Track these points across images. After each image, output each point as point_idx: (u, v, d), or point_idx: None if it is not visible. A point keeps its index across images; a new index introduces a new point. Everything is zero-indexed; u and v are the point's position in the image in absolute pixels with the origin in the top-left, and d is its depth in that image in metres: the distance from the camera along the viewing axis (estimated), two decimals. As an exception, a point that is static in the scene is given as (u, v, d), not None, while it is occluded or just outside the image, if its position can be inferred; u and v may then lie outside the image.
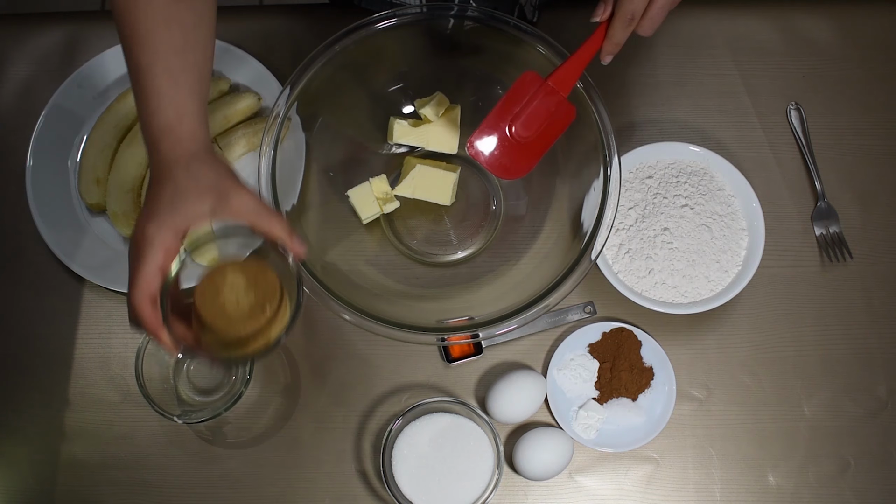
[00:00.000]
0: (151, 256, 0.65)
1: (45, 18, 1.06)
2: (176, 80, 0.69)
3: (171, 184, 0.67)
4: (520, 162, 0.80)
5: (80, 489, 0.90)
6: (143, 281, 0.65)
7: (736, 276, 0.91)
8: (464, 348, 0.91)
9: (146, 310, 0.65)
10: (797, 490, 0.89)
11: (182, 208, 0.66)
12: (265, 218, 0.68)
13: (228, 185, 0.68)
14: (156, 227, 0.65)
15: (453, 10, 0.86)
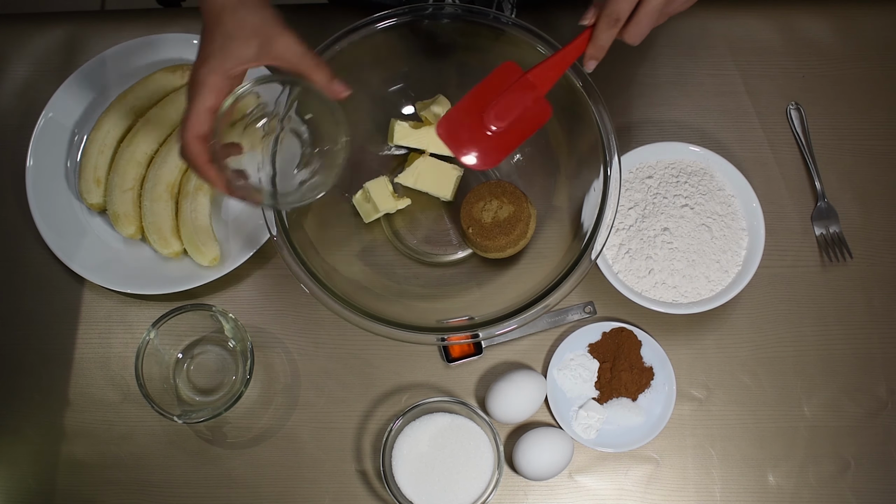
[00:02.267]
0: (202, 98, 0.69)
1: (45, 18, 1.06)
2: None
3: (220, 28, 0.70)
4: (488, 152, 0.76)
5: (80, 489, 0.90)
6: (195, 120, 0.69)
7: (736, 276, 0.91)
8: (464, 348, 0.91)
9: (196, 147, 0.70)
10: (797, 490, 0.89)
11: (230, 52, 0.69)
12: (307, 63, 0.71)
13: (273, 30, 0.70)
14: (207, 70, 0.69)
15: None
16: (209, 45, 0.70)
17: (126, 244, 0.95)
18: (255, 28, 0.70)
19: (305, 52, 0.71)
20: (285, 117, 0.82)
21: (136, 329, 0.93)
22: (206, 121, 0.70)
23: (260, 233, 0.93)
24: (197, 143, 0.70)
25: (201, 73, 0.69)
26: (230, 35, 0.70)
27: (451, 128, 0.76)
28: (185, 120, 0.70)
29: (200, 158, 0.70)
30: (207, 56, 0.70)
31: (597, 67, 0.76)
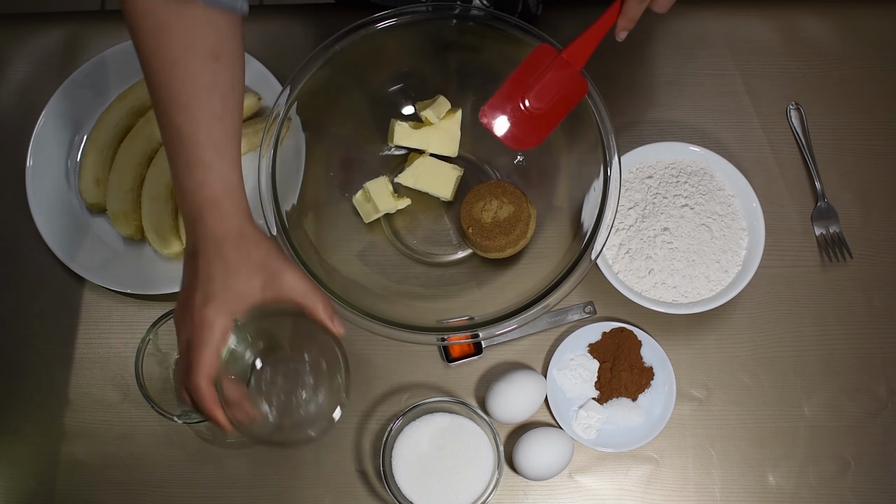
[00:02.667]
0: (212, 340, 0.67)
1: (45, 18, 1.06)
2: (220, 151, 0.69)
3: (221, 262, 0.68)
4: (531, 133, 0.80)
5: (80, 489, 0.90)
6: (206, 364, 0.67)
7: (736, 276, 0.91)
8: (464, 348, 0.91)
9: (208, 391, 0.67)
10: (797, 490, 0.89)
11: (235, 288, 0.68)
12: (310, 299, 0.70)
13: (278, 265, 0.69)
14: (214, 311, 0.67)
15: (457, 9, 0.86)
16: (211, 281, 0.67)
17: (126, 244, 0.95)
18: (260, 263, 0.69)
19: (309, 289, 0.70)
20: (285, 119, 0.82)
21: (136, 329, 0.93)
22: (215, 362, 0.67)
23: (260, 233, 0.93)
24: (209, 386, 0.67)
25: (208, 314, 0.67)
26: (234, 270, 0.68)
27: (494, 114, 0.79)
28: (194, 363, 0.67)
29: (211, 401, 0.68)
30: (213, 295, 0.67)
31: (597, 67, 0.77)
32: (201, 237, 0.68)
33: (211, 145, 0.69)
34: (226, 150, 0.69)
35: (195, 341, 0.67)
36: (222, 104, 0.69)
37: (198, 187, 0.68)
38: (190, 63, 0.68)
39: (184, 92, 0.68)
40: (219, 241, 0.68)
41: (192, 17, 0.68)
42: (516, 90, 0.78)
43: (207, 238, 0.68)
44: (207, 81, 0.69)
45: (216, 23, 0.69)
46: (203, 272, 0.68)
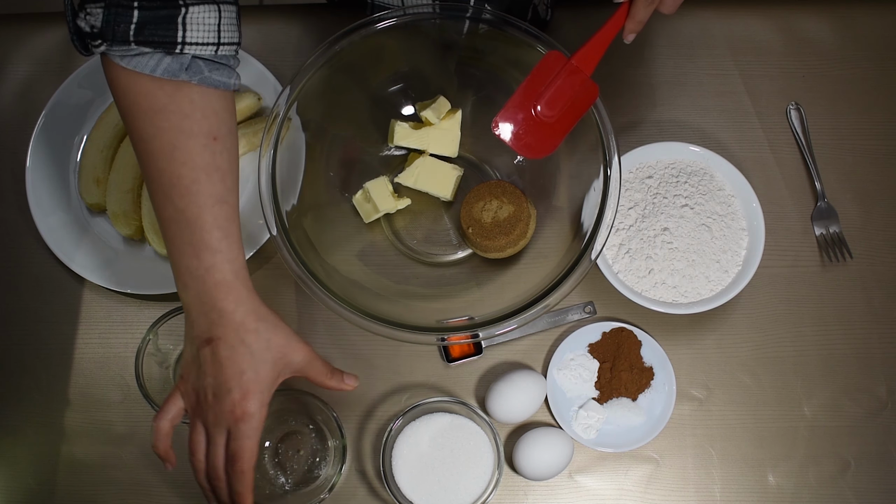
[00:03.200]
0: (257, 433, 0.69)
1: (45, 18, 1.06)
2: (226, 233, 0.69)
3: (247, 351, 0.69)
4: (544, 141, 0.79)
5: (80, 489, 0.90)
6: (254, 455, 0.69)
7: (736, 276, 0.91)
8: (464, 348, 0.91)
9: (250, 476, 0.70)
10: (797, 490, 0.89)
11: (267, 380, 0.70)
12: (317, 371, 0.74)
13: (293, 346, 0.72)
14: (255, 404, 0.69)
15: (469, 11, 0.86)
16: (243, 374, 0.68)
17: (126, 244, 0.95)
18: (282, 348, 0.71)
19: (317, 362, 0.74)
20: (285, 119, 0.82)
21: (136, 329, 0.93)
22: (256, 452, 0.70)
23: (260, 233, 0.93)
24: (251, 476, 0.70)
25: (250, 407, 0.68)
26: (262, 359, 0.69)
27: (507, 125, 0.79)
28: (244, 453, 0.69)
29: (249, 487, 0.70)
30: (248, 388, 0.69)
31: (597, 67, 0.77)
32: (217, 323, 0.69)
33: (217, 228, 0.69)
34: (231, 232, 0.70)
35: (240, 433, 0.68)
36: (223, 185, 0.70)
37: (207, 272, 0.68)
38: (190, 147, 0.68)
39: (185, 176, 0.68)
40: (239, 328, 0.69)
41: (188, 98, 0.68)
42: (527, 99, 0.78)
43: (226, 324, 0.69)
44: (208, 163, 0.69)
45: (212, 103, 0.69)
46: (231, 362, 0.68)
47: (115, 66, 0.68)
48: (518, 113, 0.78)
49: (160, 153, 0.68)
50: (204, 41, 0.68)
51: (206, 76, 0.69)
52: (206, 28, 0.68)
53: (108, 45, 0.67)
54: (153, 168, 0.69)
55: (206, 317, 0.69)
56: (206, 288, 0.69)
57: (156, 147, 0.68)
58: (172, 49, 0.67)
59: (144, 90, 0.68)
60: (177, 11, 0.66)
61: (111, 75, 0.69)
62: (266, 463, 0.88)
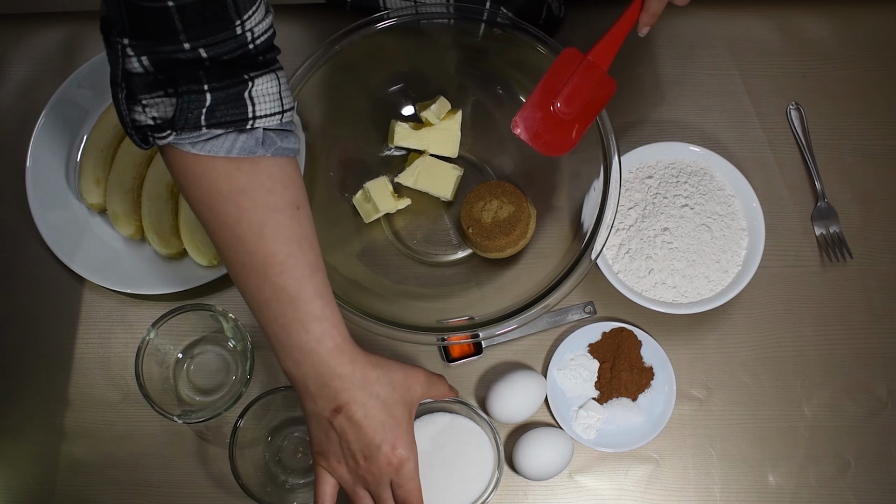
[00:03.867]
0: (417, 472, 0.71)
1: (45, 18, 1.06)
2: (327, 300, 0.68)
3: (377, 401, 0.69)
4: (563, 138, 0.79)
5: (80, 489, 0.90)
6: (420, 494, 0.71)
7: (736, 276, 0.91)
8: (464, 348, 0.91)
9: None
10: (797, 490, 0.89)
11: (403, 421, 0.70)
12: (437, 387, 0.75)
13: (411, 377, 0.72)
14: (407, 447, 0.70)
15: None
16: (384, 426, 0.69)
17: (126, 244, 0.95)
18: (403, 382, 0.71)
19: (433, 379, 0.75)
20: None
21: (136, 329, 0.93)
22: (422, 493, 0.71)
23: (260, 233, 0.93)
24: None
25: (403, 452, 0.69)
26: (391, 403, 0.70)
27: (526, 123, 0.78)
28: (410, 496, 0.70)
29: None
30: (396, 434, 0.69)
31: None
32: (342, 389, 0.68)
33: (318, 297, 0.68)
34: (330, 297, 0.69)
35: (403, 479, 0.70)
36: (314, 253, 0.69)
37: (318, 342, 0.67)
38: (278, 221, 0.66)
39: (279, 252, 0.66)
40: (364, 385, 0.69)
41: (267, 173, 0.66)
42: (546, 97, 0.78)
43: (351, 386, 0.68)
44: (297, 234, 0.67)
45: (288, 172, 0.67)
46: (369, 420, 0.68)
47: (185, 155, 0.64)
48: (537, 111, 0.78)
49: (248, 234, 0.65)
50: (271, 112, 0.66)
51: (280, 146, 0.66)
52: (271, 98, 0.66)
53: (177, 133, 0.62)
54: (243, 252, 0.66)
55: (327, 387, 0.68)
56: (322, 359, 0.67)
57: (244, 229, 0.65)
58: (244, 125, 0.64)
59: (223, 173, 0.64)
60: (245, 87, 0.63)
61: (181, 165, 0.65)
62: (267, 461, 0.88)
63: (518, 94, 0.92)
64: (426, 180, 0.94)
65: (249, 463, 0.85)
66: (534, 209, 0.92)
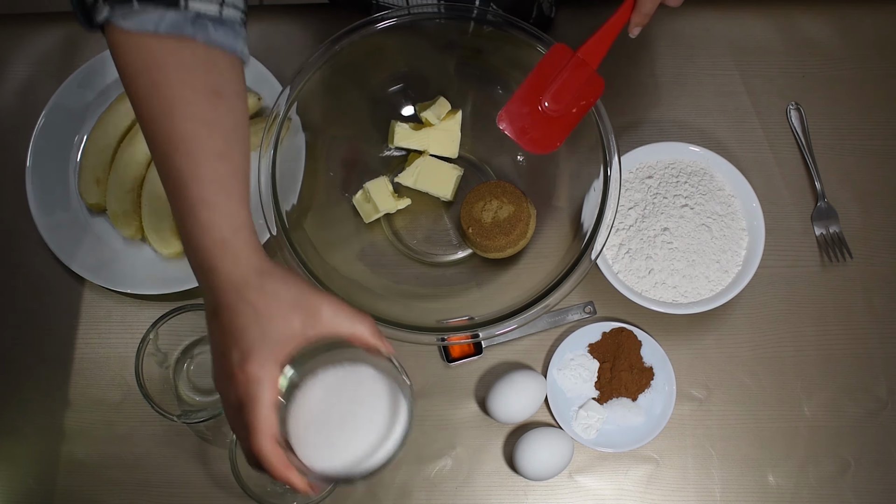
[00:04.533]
0: (265, 396, 0.60)
1: (45, 18, 1.06)
2: (225, 188, 0.62)
3: (250, 309, 0.61)
4: (549, 136, 0.78)
5: (80, 489, 0.90)
6: (265, 423, 0.60)
7: (736, 276, 0.91)
8: (464, 348, 0.91)
9: (274, 452, 0.61)
10: (797, 490, 0.89)
11: (274, 335, 0.61)
12: (357, 326, 0.65)
13: (311, 299, 0.63)
14: (258, 364, 0.60)
15: (474, 12, 0.86)
16: (244, 333, 0.61)
17: (126, 244, 0.95)
18: (293, 301, 0.62)
19: (351, 314, 0.64)
20: (285, 119, 0.82)
21: (136, 329, 0.93)
22: (274, 419, 0.61)
23: (260, 233, 0.92)
24: (274, 447, 0.61)
25: (252, 368, 0.60)
26: (267, 315, 0.61)
27: (512, 118, 0.77)
28: (251, 426, 0.60)
29: (280, 462, 0.61)
30: (251, 348, 0.60)
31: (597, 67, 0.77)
32: (218, 288, 0.62)
33: (215, 183, 0.62)
34: (232, 188, 0.63)
35: (246, 402, 0.60)
36: (225, 142, 0.63)
37: (204, 231, 0.62)
38: (189, 101, 0.63)
39: (185, 131, 0.62)
40: (239, 288, 0.61)
41: (191, 52, 0.63)
42: (533, 93, 0.77)
43: (225, 288, 0.62)
44: (208, 118, 0.63)
45: (216, 61, 0.65)
46: (232, 326, 0.61)
47: (118, 32, 0.63)
48: (523, 107, 0.77)
49: (159, 112, 0.63)
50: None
51: (212, 35, 0.64)
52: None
53: (111, 8, 0.61)
54: (152, 130, 0.63)
55: (208, 286, 0.62)
56: (205, 251, 0.62)
57: (154, 105, 0.62)
58: (176, 4, 0.62)
59: (146, 48, 0.62)
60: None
61: (114, 43, 0.63)
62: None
63: (518, 94, 0.92)
64: (426, 180, 0.94)
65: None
66: (534, 209, 0.92)
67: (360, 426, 0.69)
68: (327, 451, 0.67)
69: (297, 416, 0.67)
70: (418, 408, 0.91)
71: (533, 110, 0.77)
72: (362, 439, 0.68)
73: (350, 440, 0.68)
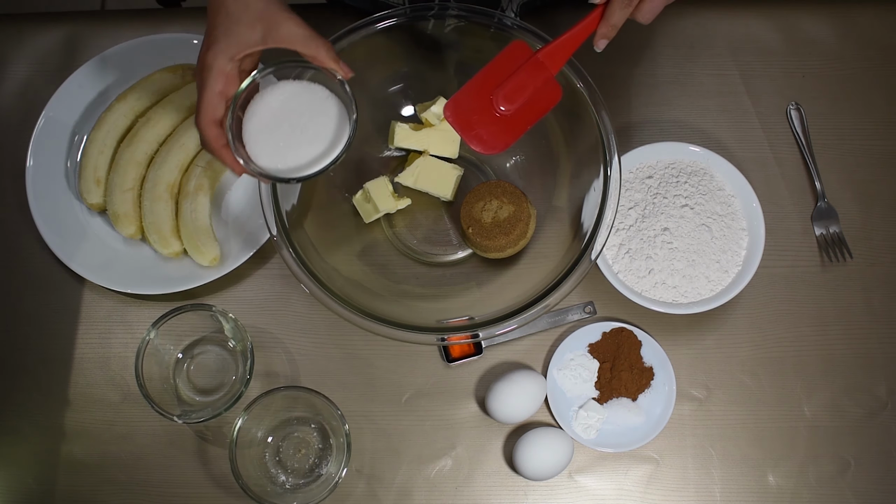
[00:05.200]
0: (211, 82, 0.70)
1: (45, 18, 1.06)
2: None
3: (224, 11, 0.70)
4: (497, 136, 0.74)
5: (80, 489, 0.90)
6: (207, 105, 0.70)
7: (736, 276, 0.91)
8: (464, 348, 0.91)
9: (211, 131, 0.71)
10: (797, 490, 0.89)
11: (235, 36, 0.70)
12: (312, 45, 0.72)
13: (277, 14, 0.71)
14: (213, 55, 0.70)
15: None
16: (214, 30, 0.70)
17: (126, 244, 0.95)
18: (259, 13, 0.70)
19: (310, 35, 0.72)
20: None
21: (136, 329, 0.93)
22: (219, 105, 0.70)
23: (260, 233, 0.93)
24: (213, 128, 0.71)
25: (208, 57, 0.70)
26: (235, 19, 0.70)
27: (459, 109, 0.74)
28: (198, 106, 0.71)
29: (217, 142, 0.71)
30: (213, 41, 0.70)
31: (597, 67, 0.76)
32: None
33: None
34: None
35: (198, 86, 0.71)
36: None
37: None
38: None
39: None
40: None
41: None
42: (485, 87, 0.74)
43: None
44: None
45: None
46: (209, 26, 0.71)
47: None
48: (473, 100, 0.74)
49: None
50: None
51: None
52: None
53: None
54: None
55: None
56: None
57: None
58: None
59: None
60: None
61: None
62: (267, 461, 0.88)
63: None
64: (426, 180, 0.94)
65: (249, 463, 0.85)
66: (534, 209, 0.92)
67: (306, 138, 0.75)
68: (272, 153, 0.74)
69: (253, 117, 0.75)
70: (418, 407, 0.91)
71: (484, 106, 0.74)
72: (305, 151, 0.75)
73: (295, 148, 0.75)
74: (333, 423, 0.86)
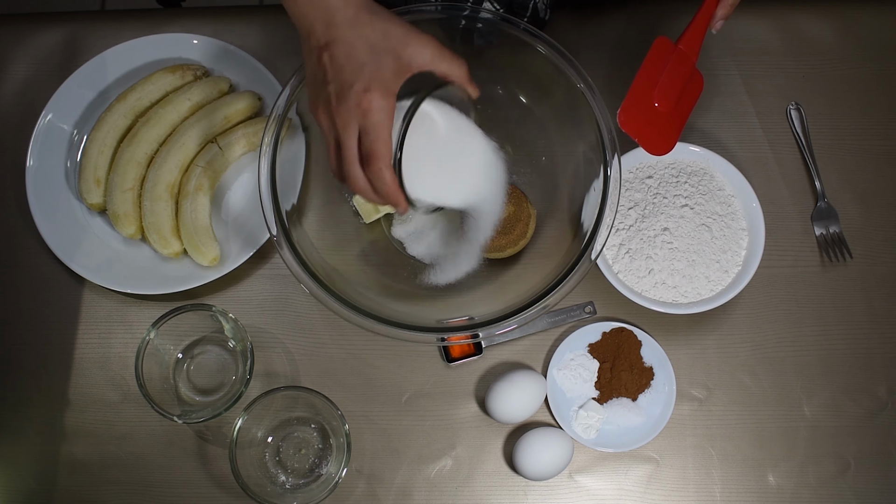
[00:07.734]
0: (388, 125, 0.66)
1: (45, 18, 1.06)
2: None
3: (363, 43, 0.66)
4: (665, 135, 0.75)
5: (80, 489, 0.90)
6: (388, 149, 0.67)
7: (736, 276, 0.91)
8: (464, 348, 0.91)
9: (391, 177, 0.68)
10: (797, 490, 0.89)
11: (390, 69, 0.67)
12: (455, 64, 0.70)
13: (417, 37, 0.68)
14: (381, 96, 0.65)
15: (467, 10, 0.86)
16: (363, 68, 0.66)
17: (126, 244, 0.95)
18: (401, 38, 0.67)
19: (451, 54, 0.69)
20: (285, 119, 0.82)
21: (136, 329, 0.93)
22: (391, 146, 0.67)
23: (260, 233, 0.93)
24: (391, 174, 0.68)
25: (376, 99, 0.65)
26: (382, 49, 0.67)
27: (629, 117, 0.75)
28: (378, 152, 0.66)
29: (395, 187, 0.68)
30: (373, 78, 0.66)
31: (597, 67, 0.76)
32: (331, 24, 0.66)
33: None
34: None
35: (370, 130, 0.66)
36: None
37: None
38: None
39: None
40: (353, 24, 0.66)
41: None
42: (644, 89, 0.74)
43: (339, 23, 0.66)
44: None
45: None
46: (349, 59, 0.66)
47: None
48: (638, 105, 0.74)
49: None
50: None
51: None
52: None
53: None
54: None
55: (318, 23, 0.67)
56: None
57: None
58: None
59: None
60: None
61: None
62: (267, 461, 0.88)
63: (518, 95, 0.92)
64: None
65: (249, 463, 0.85)
66: (534, 209, 0.92)
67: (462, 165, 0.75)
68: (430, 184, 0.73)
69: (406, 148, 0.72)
70: (418, 407, 0.91)
71: (647, 108, 0.74)
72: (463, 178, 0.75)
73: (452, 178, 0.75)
74: (333, 423, 0.87)
